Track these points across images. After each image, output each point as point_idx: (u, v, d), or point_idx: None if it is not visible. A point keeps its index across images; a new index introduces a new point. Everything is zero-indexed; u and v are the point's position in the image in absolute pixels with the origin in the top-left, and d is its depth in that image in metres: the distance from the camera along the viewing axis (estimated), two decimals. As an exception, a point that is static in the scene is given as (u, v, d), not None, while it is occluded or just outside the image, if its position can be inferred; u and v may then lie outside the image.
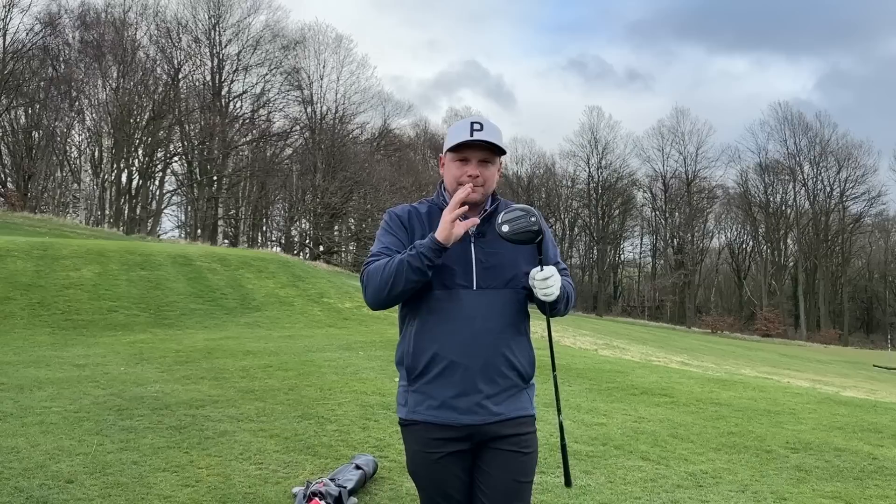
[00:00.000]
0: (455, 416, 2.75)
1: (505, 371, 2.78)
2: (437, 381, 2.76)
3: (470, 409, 2.74)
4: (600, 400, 9.74)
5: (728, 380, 12.96)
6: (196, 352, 12.94)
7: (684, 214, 75.88)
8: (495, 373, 2.76)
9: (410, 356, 2.82)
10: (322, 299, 21.73)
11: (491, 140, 2.76)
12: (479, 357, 2.74)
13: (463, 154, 2.80)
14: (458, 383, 2.74)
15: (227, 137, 57.74)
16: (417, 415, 2.81)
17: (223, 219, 59.97)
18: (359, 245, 60.01)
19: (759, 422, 8.71)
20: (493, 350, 2.75)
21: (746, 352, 33.81)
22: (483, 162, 2.80)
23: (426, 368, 2.78)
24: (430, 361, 2.77)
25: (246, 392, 9.16)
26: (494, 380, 2.76)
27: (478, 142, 2.76)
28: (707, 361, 19.58)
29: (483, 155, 2.80)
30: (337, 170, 57.16)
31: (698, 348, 30.71)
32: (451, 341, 2.74)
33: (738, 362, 22.40)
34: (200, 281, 21.27)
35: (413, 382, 2.83)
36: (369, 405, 8.56)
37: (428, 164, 79.78)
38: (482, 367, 2.74)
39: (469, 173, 2.79)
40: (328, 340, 15.35)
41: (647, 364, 15.33)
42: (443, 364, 2.75)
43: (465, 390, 2.74)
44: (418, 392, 2.81)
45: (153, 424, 7.25)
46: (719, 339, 46.25)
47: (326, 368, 11.35)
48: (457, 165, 2.82)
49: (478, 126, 2.78)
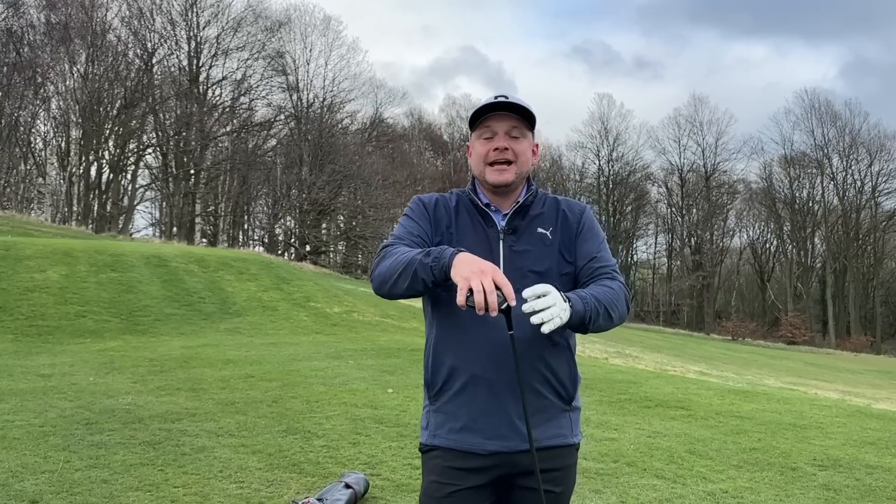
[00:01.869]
0: (479, 440, 2.58)
1: (538, 387, 2.58)
2: (458, 398, 2.60)
3: (497, 433, 2.57)
4: (611, 413, 9.74)
5: (750, 391, 12.97)
6: (171, 360, 12.92)
7: (703, 211, 75.96)
8: (527, 390, 2.53)
9: (430, 370, 2.68)
10: (308, 303, 21.70)
11: (519, 102, 2.63)
12: (507, 372, 2.53)
13: (487, 126, 2.67)
14: (482, 401, 2.57)
15: (205, 127, 57.72)
16: (438, 439, 2.64)
17: (201, 216, 59.95)
18: (348, 244, 60.08)
19: (784, 437, 8.71)
20: (526, 365, 2.53)
21: (770, 360, 33.83)
22: (512, 136, 2.67)
23: (446, 384, 2.62)
24: (450, 376, 2.61)
25: (226, 404, 9.15)
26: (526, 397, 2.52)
27: (503, 105, 2.63)
28: (727, 371, 19.59)
29: (511, 124, 2.66)
30: (325, 163, 57.19)
31: (718, 357, 30.72)
32: (472, 352, 2.57)
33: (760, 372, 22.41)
34: (176, 284, 21.25)
35: (434, 401, 2.68)
36: (360, 419, 8.56)
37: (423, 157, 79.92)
38: (510, 380, 2.54)
39: (496, 146, 2.65)
40: (315, 348, 15.33)
41: (662, 374, 15.33)
42: (464, 378, 2.59)
43: (491, 409, 2.56)
44: (440, 412, 2.66)
45: (125, 439, 7.24)
46: (740, 347, 46.27)
47: (313, 379, 11.33)
48: (482, 143, 2.69)
49: (502, 98, 2.65)
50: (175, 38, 59.09)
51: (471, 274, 2.21)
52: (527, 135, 2.70)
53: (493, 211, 2.70)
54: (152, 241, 42.03)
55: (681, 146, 77.67)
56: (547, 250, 2.65)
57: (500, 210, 2.71)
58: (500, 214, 2.71)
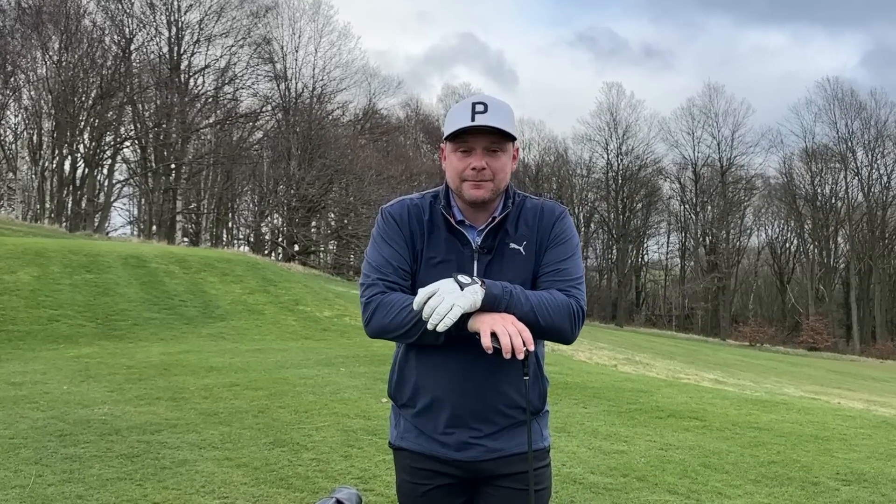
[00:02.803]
0: (444, 451, 2.73)
1: (505, 410, 2.70)
2: (422, 415, 2.75)
3: (463, 445, 2.71)
4: (620, 424, 9.74)
5: (769, 400, 12.98)
6: (151, 368, 12.92)
7: (718, 208, 76.01)
8: (492, 411, 2.69)
9: (394, 385, 2.83)
10: (297, 307, 21.71)
11: (496, 125, 2.60)
12: (471, 395, 2.67)
13: (465, 143, 2.65)
14: (445, 420, 2.71)
15: (186, 119, 57.71)
16: (406, 442, 2.81)
17: (182, 213, 59.95)
18: (340, 244, 60.08)
19: (805, 449, 8.72)
20: (490, 387, 2.67)
21: (790, 368, 33.86)
22: (490, 151, 2.66)
23: (410, 401, 2.78)
24: (413, 395, 2.76)
25: (209, 415, 9.15)
26: (490, 419, 2.70)
27: (480, 127, 2.61)
28: (744, 379, 19.61)
29: (489, 141, 2.65)
30: (314, 156, 57.17)
31: (734, 364, 30.75)
32: (436, 373, 2.69)
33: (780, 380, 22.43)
34: (156, 286, 21.24)
35: (401, 409, 2.84)
36: (352, 430, 8.56)
37: (420, 150, 79.88)
38: (474, 406, 2.68)
39: (473, 166, 2.64)
40: (304, 355, 15.34)
41: (674, 382, 15.34)
42: (427, 399, 2.73)
43: (455, 427, 2.71)
44: (406, 420, 2.82)
45: (101, 452, 7.24)
46: (758, 353, 46.31)
47: (302, 387, 11.34)
48: (458, 157, 2.68)
49: (481, 107, 2.62)
50: (154, 24, 59.08)
51: (493, 321, 2.43)
52: (506, 148, 2.70)
53: (468, 227, 2.74)
54: (130, 240, 42.00)
55: (695, 139, 77.80)
56: (521, 267, 2.71)
57: (475, 226, 2.75)
58: (475, 231, 2.74)
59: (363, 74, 77.74)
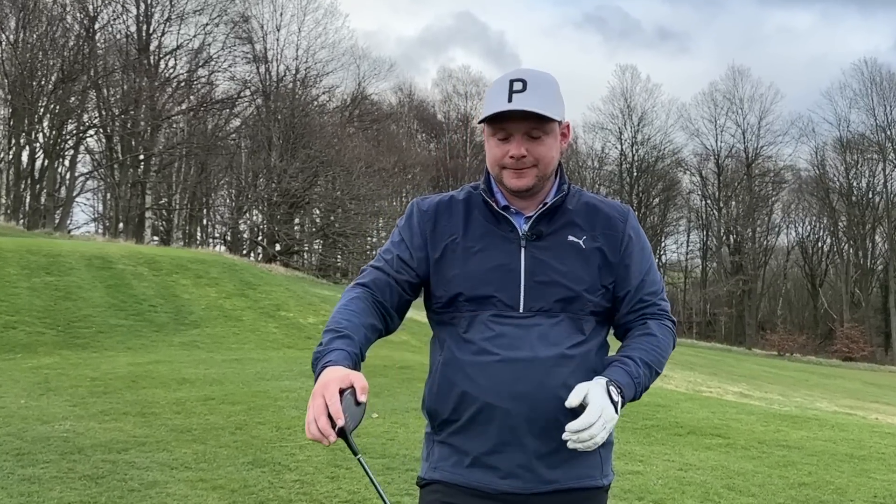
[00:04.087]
0: (490, 478, 2.54)
1: (564, 421, 2.45)
2: (467, 430, 2.56)
3: (511, 472, 2.53)
4: (636, 442, 9.75)
5: (799, 416, 12.99)
6: (117, 380, 12.92)
7: (743, 204, 76.01)
8: (550, 423, 2.50)
9: (434, 396, 2.64)
10: (278, 312, 21.70)
11: (536, 108, 2.50)
12: (526, 399, 2.50)
13: (502, 128, 2.57)
14: (495, 434, 2.53)
15: (156, 105, 57.67)
16: (440, 472, 2.62)
17: (152, 209, 59.95)
18: (325, 243, 60.08)
19: (839, 469, 8.72)
20: (547, 390, 2.50)
21: (822, 380, 33.89)
22: (531, 137, 2.56)
23: (454, 413, 2.58)
24: (459, 404, 2.57)
25: (181, 432, 9.14)
26: (548, 432, 2.50)
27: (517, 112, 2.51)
28: (772, 392, 19.62)
29: (529, 126, 2.55)
30: (298, 146, 57.14)
31: (761, 375, 30.78)
32: (488, 377, 2.52)
33: (811, 393, 22.45)
34: (123, 289, 21.22)
35: (439, 431, 2.65)
36: (339, 449, 8.54)
37: (414, 140, 79.98)
38: (530, 413, 2.50)
39: (511, 154, 2.56)
40: (286, 365, 15.34)
41: (695, 396, 15.35)
42: (475, 407, 2.54)
43: (506, 444, 2.52)
44: (446, 444, 2.62)
45: (62, 473, 7.23)
46: (788, 364, 46.34)
47: (284, 401, 11.34)
48: (495, 143, 2.59)
49: (519, 85, 2.53)
50: (121, 1, 59.08)
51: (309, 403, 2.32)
52: (551, 130, 2.59)
53: (513, 214, 2.64)
54: (94, 239, 42.01)
55: (717, 127, 77.65)
56: (579, 264, 2.60)
57: (522, 213, 2.65)
58: (522, 218, 2.65)
59: (351, 56, 77.41)
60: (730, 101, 77.19)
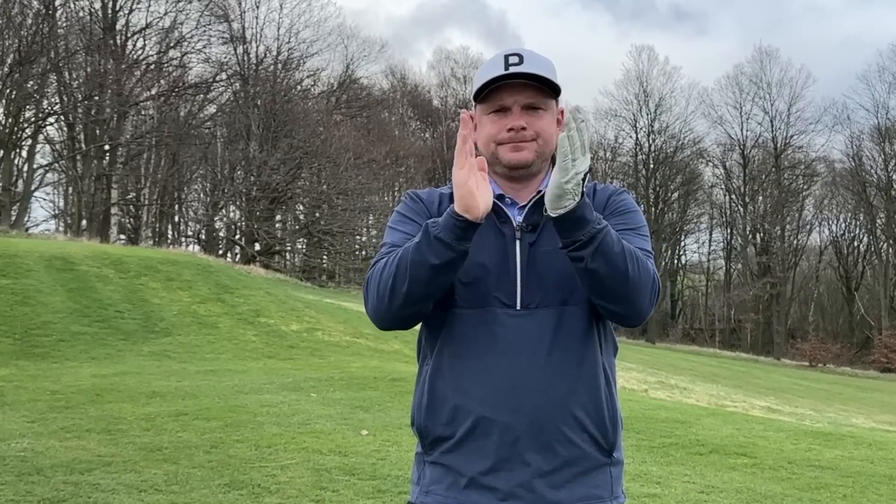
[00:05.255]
0: (489, 500, 2.53)
1: (570, 434, 2.52)
2: (462, 448, 2.55)
3: (511, 492, 2.51)
4: (652, 461, 9.75)
5: (833, 433, 12.99)
6: (80, 393, 12.90)
7: (771, 199, 76.01)
8: (554, 436, 2.52)
9: (424, 410, 2.63)
10: (258, 319, 21.70)
11: (537, 72, 2.58)
12: (526, 411, 2.50)
13: (499, 99, 2.61)
14: (493, 451, 2.51)
15: (123, 90, 57.63)
16: (432, 497, 2.61)
17: (119, 205, 59.88)
18: (310, 242, 60.07)
19: (877, 492, 8.73)
20: (551, 401, 2.51)
21: (859, 393, 33.91)
22: (530, 108, 2.61)
23: (446, 429, 2.57)
24: (452, 418, 2.56)
25: (151, 450, 9.14)
26: (552, 447, 2.52)
27: (517, 76, 2.57)
28: (803, 407, 19.65)
29: (529, 97, 2.61)
30: (279, 136, 57.17)
31: (790, 388, 30.80)
32: (482, 387, 2.51)
33: (846, 408, 22.47)
34: (86, 293, 21.21)
35: (430, 450, 2.64)
36: (325, 469, 8.56)
37: (407, 128, 79.98)
38: (531, 426, 2.50)
39: (509, 126, 2.60)
40: (267, 377, 15.34)
41: (717, 410, 15.36)
42: (469, 421, 2.53)
43: (505, 462, 2.51)
44: (438, 465, 2.61)
45: (19, 496, 7.23)
46: (820, 376, 46.36)
47: (264, 417, 11.34)
48: (491, 120, 2.64)
49: (515, 59, 2.59)
50: (84, -26, 59.05)
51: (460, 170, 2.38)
52: (549, 106, 2.65)
53: (508, 204, 2.65)
54: (55, 237, 41.97)
55: (743, 114, 77.61)
56: None
57: (517, 202, 2.67)
58: (517, 208, 2.67)
59: (338, 36, 76.97)
60: (756, 86, 77.16)
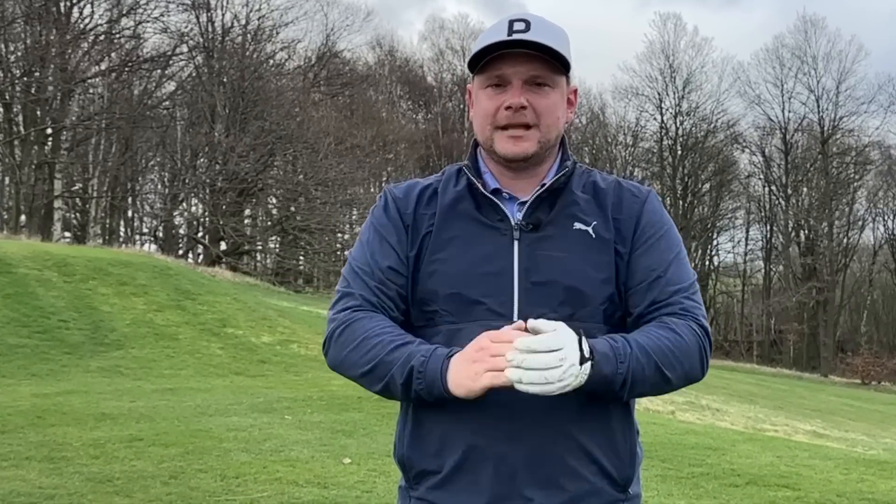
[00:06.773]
0: None
1: (577, 467, 2.48)
2: (452, 483, 2.51)
3: None
4: (680, 494, 9.76)
5: (889, 461, 13.02)
6: (18, 415, 12.90)
7: (818, 191, 76.09)
8: (558, 469, 2.48)
9: (408, 440, 2.61)
10: (224, 329, 21.70)
11: (543, 41, 2.49)
12: (526, 441, 2.46)
13: (497, 71, 2.54)
14: (488, 486, 2.47)
15: (68, 65, 57.64)
16: None
17: (63, 198, 59.87)
18: (284, 240, 60.09)
19: (939, 529, 8.75)
20: (553, 428, 2.47)
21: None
22: (534, 84, 2.55)
23: (434, 461, 2.53)
24: (440, 449, 2.52)
25: (100, 481, 9.14)
26: (556, 481, 2.47)
27: (520, 43, 2.50)
28: (854, 431, 19.66)
29: (533, 69, 2.54)
30: (249, 117, 57.17)
31: (840, 410, 30.84)
32: (472, 412, 2.43)
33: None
34: (25, 300, 21.21)
35: (416, 484, 2.61)
36: (301, 502, 8.57)
37: (396, 108, 79.98)
38: (531, 457, 2.46)
39: (508, 103, 2.53)
40: (234, 397, 15.35)
41: (755, 435, 15.37)
42: (460, 452, 2.48)
43: (503, 499, 2.47)
44: (424, 501, 2.58)
45: (-53, 535, 7.23)
46: (874, 395, 46.41)
47: (231, 443, 11.34)
48: (488, 94, 2.57)
49: (521, 25, 2.52)
50: (23, -70, 59.06)
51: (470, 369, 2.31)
52: (557, 82, 2.59)
53: (506, 199, 2.61)
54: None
55: (784, 93, 77.64)
56: (589, 257, 2.55)
57: (516, 197, 2.62)
58: (516, 204, 2.62)
59: (317, 2, 77.16)
60: (800, 60, 77.12)
